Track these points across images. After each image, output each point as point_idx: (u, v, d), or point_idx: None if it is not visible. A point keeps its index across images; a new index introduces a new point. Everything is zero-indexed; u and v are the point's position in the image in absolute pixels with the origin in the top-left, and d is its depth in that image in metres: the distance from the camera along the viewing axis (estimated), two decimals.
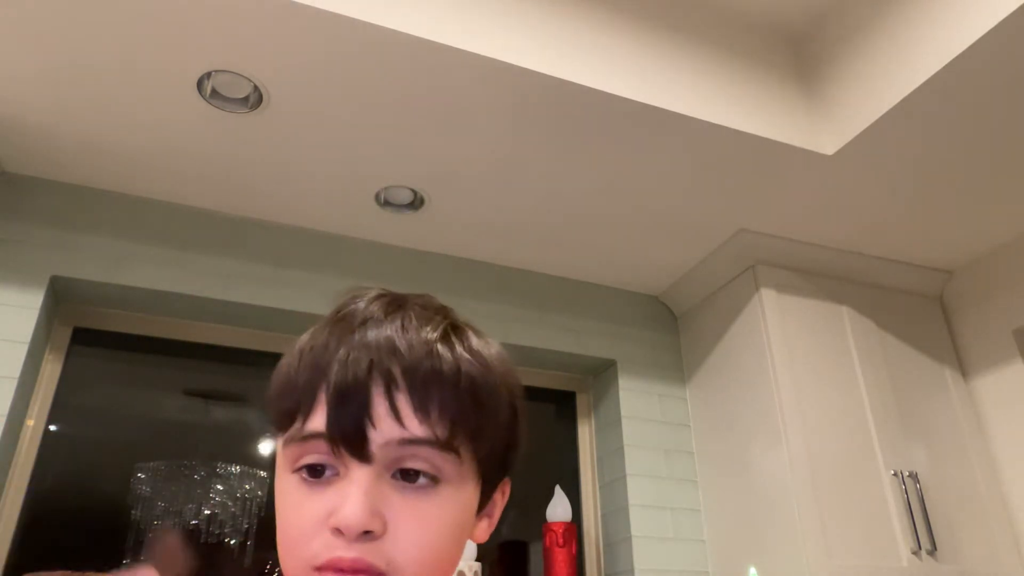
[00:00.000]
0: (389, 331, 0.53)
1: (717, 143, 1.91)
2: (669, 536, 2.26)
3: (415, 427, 0.51)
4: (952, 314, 2.55)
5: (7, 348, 1.79)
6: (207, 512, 2.05)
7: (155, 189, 2.07)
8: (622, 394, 2.42)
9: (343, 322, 0.55)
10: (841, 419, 2.18)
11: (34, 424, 1.91)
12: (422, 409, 0.51)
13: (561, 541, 2.17)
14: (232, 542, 2.05)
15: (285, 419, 0.54)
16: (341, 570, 0.48)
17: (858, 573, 1.97)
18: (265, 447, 2.23)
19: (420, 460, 0.51)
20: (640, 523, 2.23)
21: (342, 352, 0.52)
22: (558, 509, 2.23)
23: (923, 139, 1.90)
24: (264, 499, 2.12)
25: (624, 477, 2.29)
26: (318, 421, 0.51)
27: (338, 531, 0.49)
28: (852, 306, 2.38)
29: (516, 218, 2.21)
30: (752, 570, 2.10)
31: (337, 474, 0.51)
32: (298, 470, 0.52)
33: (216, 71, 1.66)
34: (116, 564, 1.91)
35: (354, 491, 0.49)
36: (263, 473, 2.15)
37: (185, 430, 2.15)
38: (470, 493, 0.54)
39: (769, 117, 1.93)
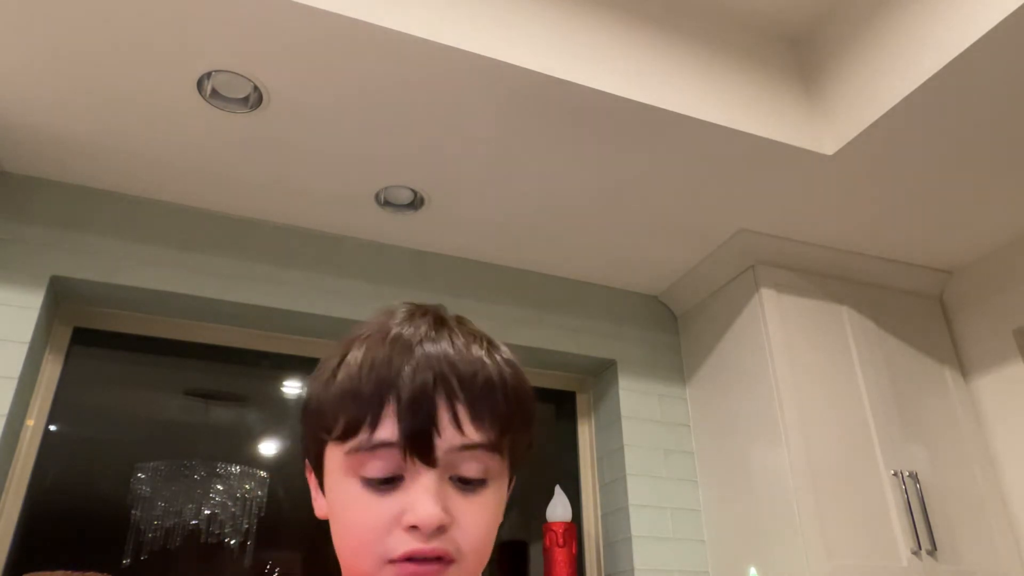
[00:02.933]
0: (444, 347, 0.60)
1: (717, 143, 1.91)
2: (669, 536, 2.26)
3: (472, 434, 0.58)
4: (952, 314, 2.55)
5: (7, 348, 1.79)
6: (207, 512, 2.05)
7: (155, 189, 2.07)
8: (622, 394, 2.42)
9: (399, 340, 0.60)
10: (841, 419, 2.18)
11: (34, 424, 1.91)
12: (478, 418, 0.58)
13: (561, 541, 2.17)
14: (232, 542, 2.05)
15: (349, 429, 0.58)
16: (421, 559, 0.55)
17: (858, 573, 1.97)
18: (265, 447, 2.23)
19: (474, 462, 0.58)
20: (640, 523, 2.23)
21: (407, 369, 0.58)
22: (558, 509, 2.23)
23: (923, 139, 1.90)
24: (264, 499, 2.12)
25: (624, 477, 2.29)
26: (388, 431, 0.56)
27: (413, 528, 0.55)
28: (852, 306, 2.38)
29: (516, 218, 2.21)
30: (752, 570, 2.10)
31: (402, 478, 0.57)
32: (358, 474, 0.57)
33: (216, 71, 1.66)
34: (116, 564, 1.91)
35: (425, 493, 0.56)
36: (263, 473, 2.15)
37: (185, 430, 2.15)
38: (505, 485, 0.63)
39: (769, 117, 1.93)
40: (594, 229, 2.27)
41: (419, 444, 0.56)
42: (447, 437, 0.57)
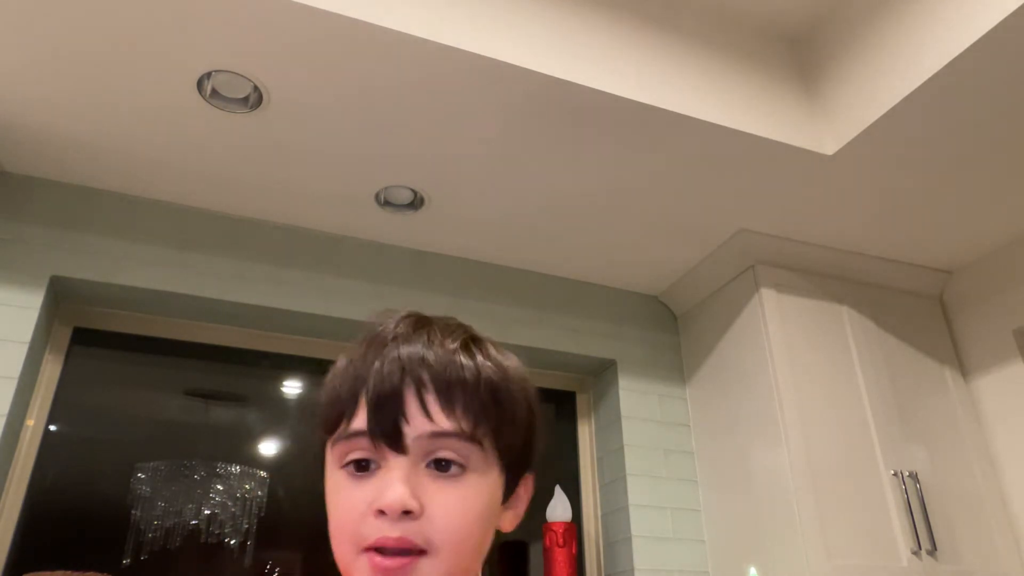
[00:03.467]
0: (417, 344, 0.62)
1: (717, 143, 1.91)
2: (669, 536, 2.26)
3: (443, 422, 0.59)
4: (952, 314, 2.55)
5: (7, 348, 1.79)
6: (207, 512, 2.05)
7: (155, 189, 2.07)
8: (622, 394, 2.42)
9: (377, 339, 0.63)
10: (841, 419, 2.18)
11: (34, 424, 1.91)
12: (448, 407, 0.59)
13: (561, 541, 2.17)
14: (232, 542, 2.05)
15: (333, 423, 0.62)
16: (387, 548, 0.56)
17: (858, 573, 1.97)
18: (265, 447, 2.23)
19: (449, 451, 0.59)
20: (640, 523, 2.23)
21: (377, 364, 0.61)
22: (558, 509, 2.23)
23: (923, 139, 1.90)
24: (264, 499, 2.12)
25: (624, 477, 2.30)
26: (360, 421, 0.60)
27: (381, 513, 0.56)
28: (852, 306, 2.38)
29: (516, 218, 2.21)
30: (752, 570, 2.10)
31: (379, 467, 0.59)
32: (345, 465, 0.60)
33: (216, 71, 1.66)
34: (116, 564, 1.91)
35: (393, 478, 0.57)
36: (263, 473, 2.15)
37: (185, 430, 2.16)
38: (494, 481, 0.62)
39: (769, 117, 1.93)
40: (594, 229, 2.27)
41: (386, 431, 0.58)
42: (416, 425, 0.58)
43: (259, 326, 2.20)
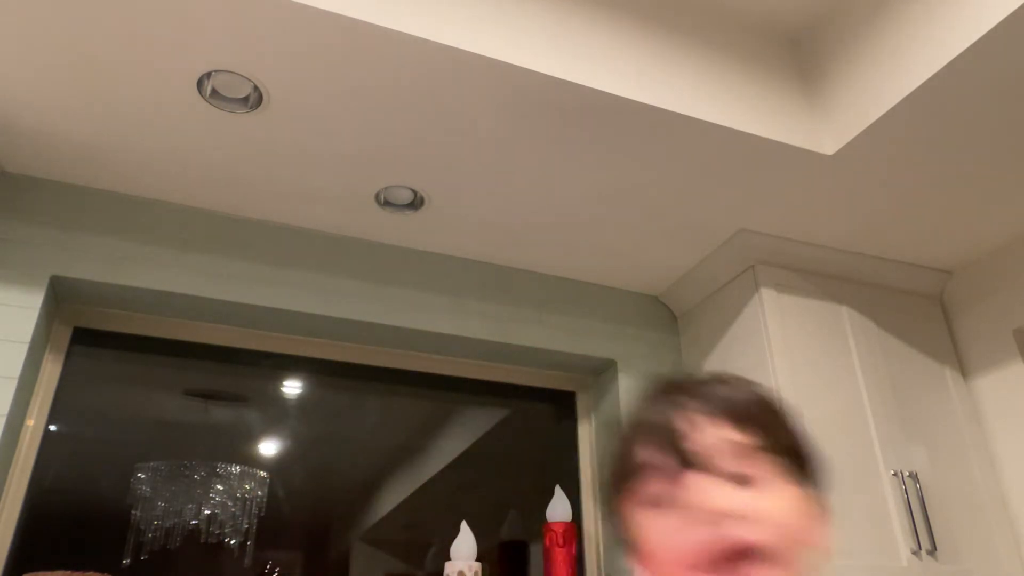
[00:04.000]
0: (680, 388, 0.71)
1: (717, 143, 1.91)
2: None
3: (716, 437, 0.65)
4: (952, 314, 2.55)
5: (7, 348, 1.79)
6: (207, 512, 2.05)
7: (155, 189, 2.07)
8: (622, 394, 2.42)
9: (643, 403, 0.73)
10: (841, 419, 2.18)
11: (34, 424, 1.91)
12: (716, 425, 0.66)
13: (561, 541, 2.17)
14: (232, 542, 2.05)
15: (622, 474, 0.70)
16: (719, 550, 0.61)
17: (858, 573, 1.97)
18: (265, 447, 2.23)
19: (732, 462, 0.64)
20: None
21: (648, 414, 0.70)
22: (558, 509, 2.23)
23: (923, 139, 1.90)
24: (264, 499, 2.12)
25: None
26: (646, 455, 0.67)
27: (699, 523, 0.61)
28: (852, 306, 2.38)
29: (516, 218, 2.21)
30: None
31: (677, 495, 0.64)
32: (643, 503, 0.66)
33: (216, 71, 1.66)
34: (116, 564, 1.91)
35: (695, 490, 0.63)
36: (263, 473, 2.15)
37: (185, 430, 2.16)
38: (787, 489, 0.66)
39: (769, 117, 1.93)
40: (594, 229, 2.27)
41: (671, 455, 0.65)
42: (694, 440, 0.65)
43: (259, 326, 2.20)
